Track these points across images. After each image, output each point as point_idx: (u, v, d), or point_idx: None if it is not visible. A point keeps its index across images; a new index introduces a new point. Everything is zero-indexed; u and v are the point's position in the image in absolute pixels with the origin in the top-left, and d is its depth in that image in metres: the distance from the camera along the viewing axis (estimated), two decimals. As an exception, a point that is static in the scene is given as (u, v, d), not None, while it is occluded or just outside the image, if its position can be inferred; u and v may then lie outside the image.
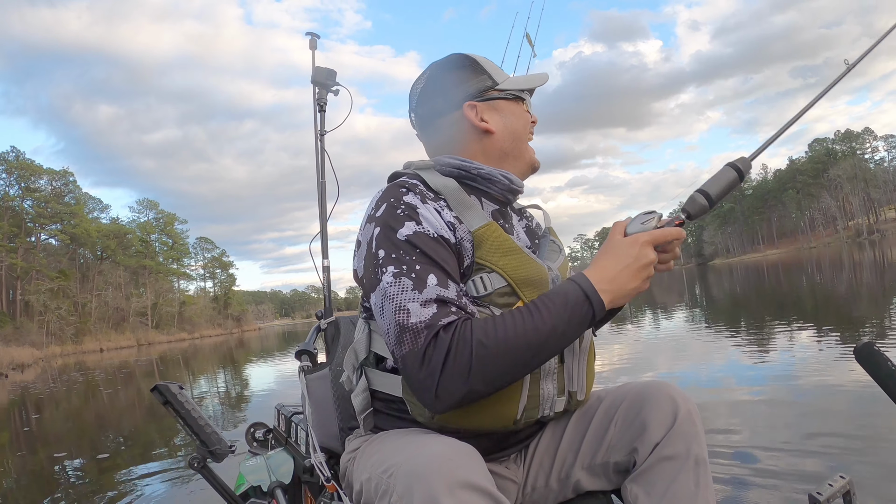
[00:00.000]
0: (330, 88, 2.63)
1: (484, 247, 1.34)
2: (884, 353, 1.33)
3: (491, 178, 1.49)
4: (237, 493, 1.88)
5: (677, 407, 1.37)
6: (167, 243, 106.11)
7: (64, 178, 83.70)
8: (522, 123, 1.56)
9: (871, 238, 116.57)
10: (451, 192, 1.42)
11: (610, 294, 1.26)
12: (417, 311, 1.21)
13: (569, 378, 1.44)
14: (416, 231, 1.30)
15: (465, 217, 1.38)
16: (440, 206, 1.37)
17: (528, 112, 1.58)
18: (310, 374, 1.88)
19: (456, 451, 1.11)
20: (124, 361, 33.63)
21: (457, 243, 1.34)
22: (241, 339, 56.25)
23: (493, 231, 1.37)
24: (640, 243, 1.29)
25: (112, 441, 7.77)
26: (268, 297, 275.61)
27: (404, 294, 1.23)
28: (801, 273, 30.32)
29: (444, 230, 1.32)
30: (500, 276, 1.32)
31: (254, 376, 15.57)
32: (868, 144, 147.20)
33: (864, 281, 18.68)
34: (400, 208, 1.33)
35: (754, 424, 4.50)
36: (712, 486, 1.34)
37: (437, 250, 1.29)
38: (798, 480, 3.31)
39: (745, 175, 1.35)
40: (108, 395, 14.69)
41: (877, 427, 4.01)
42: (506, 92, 1.54)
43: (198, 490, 4.67)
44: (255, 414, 8.17)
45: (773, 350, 7.69)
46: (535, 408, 1.37)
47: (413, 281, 1.24)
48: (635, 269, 1.28)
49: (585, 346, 1.48)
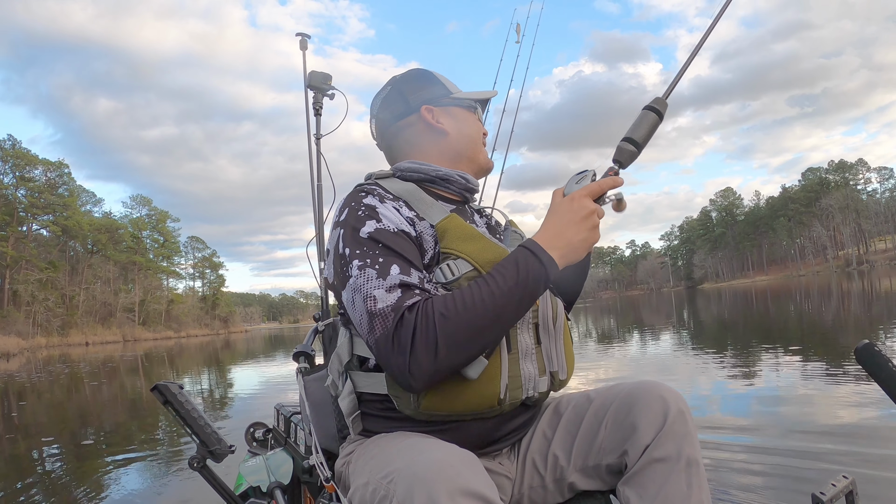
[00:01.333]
0: (325, 92, 2.63)
1: (448, 237, 1.43)
2: (884, 354, 1.34)
3: (448, 178, 1.62)
4: (236, 493, 1.88)
5: (668, 407, 1.38)
6: (158, 240, 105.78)
7: (59, 169, 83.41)
8: (476, 129, 1.71)
9: (860, 268, 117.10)
10: (410, 193, 1.53)
11: (558, 249, 1.33)
12: (383, 297, 1.28)
13: (548, 358, 1.50)
14: (378, 227, 1.39)
15: (425, 214, 1.48)
16: (399, 206, 1.47)
17: (479, 122, 1.75)
18: (308, 375, 1.89)
19: (457, 458, 1.13)
20: (109, 356, 33.45)
21: (417, 237, 1.43)
22: (227, 341, 55.92)
23: (454, 221, 1.47)
24: (577, 198, 1.37)
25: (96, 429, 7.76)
26: (256, 300, 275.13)
27: (370, 283, 1.31)
28: (788, 300, 30.38)
29: (404, 225, 1.42)
30: (465, 262, 1.39)
31: (238, 379, 15.47)
32: (861, 175, 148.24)
33: (851, 310, 18.75)
34: (361, 210, 1.43)
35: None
36: (707, 486, 1.34)
37: (398, 242, 1.37)
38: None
39: (663, 114, 1.41)
40: (92, 388, 14.62)
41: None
42: (460, 100, 1.69)
43: (176, 481, 4.81)
44: (237, 416, 8.16)
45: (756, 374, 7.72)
46: (518, 388, 1.41)
47: (377, 271, 1.32)
48: (577, 221, 1.35)
49: (560, 327, 1.54)
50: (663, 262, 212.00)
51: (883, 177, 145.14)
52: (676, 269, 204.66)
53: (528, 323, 1.46)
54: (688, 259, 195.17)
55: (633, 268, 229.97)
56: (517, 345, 1.42)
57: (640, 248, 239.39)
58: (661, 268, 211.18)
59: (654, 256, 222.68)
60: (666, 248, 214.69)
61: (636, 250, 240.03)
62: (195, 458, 1.82)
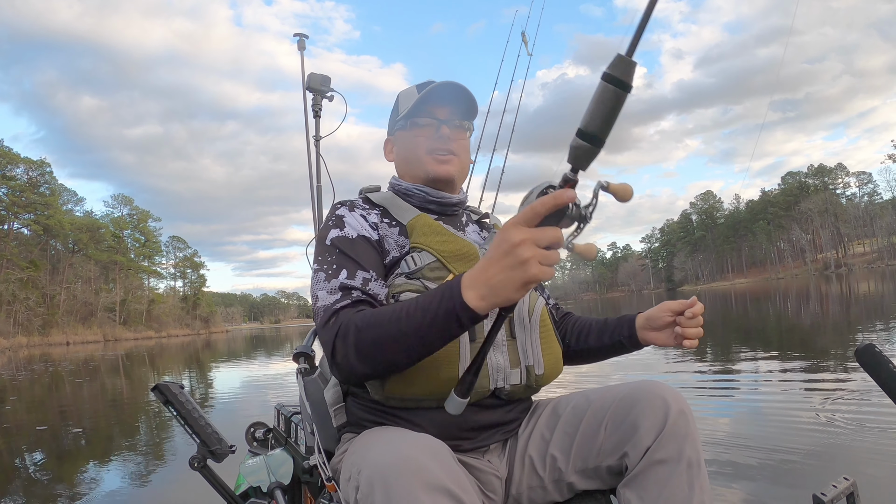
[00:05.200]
0: (325, 94, 2.64)
1: (415, 232, 1.57)
2: (885, 355, 1.35)
3: (408, 192, 1.72)
4: (237, 493, 1.89)
5: (668, 408, 1.36)
6: (140, 240, 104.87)
7: (40, 168, 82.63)
8: (411, 147, 1.72)
9: (838, 272, 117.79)
10: (388, 200, 1.69)
11: (476, 290, 1.10)
12: (324, 297, 1.43)
13: (523, 352, 1.51)
14: (339, 235, 1.54)
15: (400, 216, 1.64)
16: (368, 213, 1.63)
17: (418, 136, 1.71)
18: (307, 375, 1.90)
19: (422, 451, 1.14)
20: (90, 355, 33.19)
21: (380, 239, 1.57)
22: (208, 341, 55.57)
23: (422, 219, 1.62)
24: (506, 227, 1.06)
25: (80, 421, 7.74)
26: (237, 300, 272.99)
27: (318, 285, 1.47)
28: (766, 302, 30.55)
29: (365, 230, 1.57)
30: (429, 253, 1.52)
31: (219, 379, 15.40)
32: (840, 180, 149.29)
33: (829, 312, 18.89)
34: (331, 220, 1.60)
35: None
36: (708, 488, 1.33)
37: (353, 248, 1.51)
38: None
39: (628, 82, 0.92)
40: (74, 385, 14.52)
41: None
42: (401, 124, 1.74)
43: (157, 482, 4.94)
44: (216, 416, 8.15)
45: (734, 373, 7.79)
46: (485, 377, 1.43)
47: (326, 274, 1.47)
48: (499, 257, 1.06)
49: (536, 320, 1.55)
50: (644, 264, 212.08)
51: (862, 181, 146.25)
52: (657, 272, 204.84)
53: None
54: (668, 261, 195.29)
55: (614, 270, 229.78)
56: (483, 334, 1.42)
57: (621, 251, 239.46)
58: (641, 270, 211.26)
59: (634, 259, 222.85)
60: (647, 250, 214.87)
61: (617, 252, 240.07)
62: (196, 458, 1.84)
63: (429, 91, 1.67)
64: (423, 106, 1.68)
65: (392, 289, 1.48)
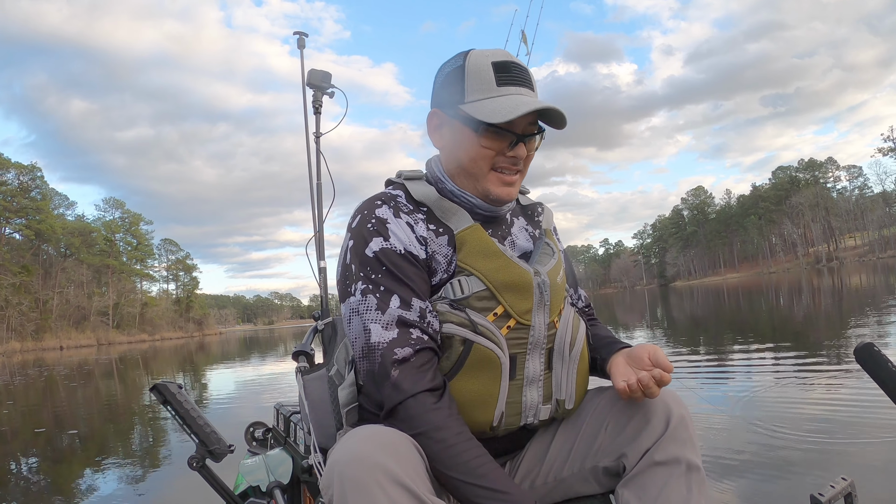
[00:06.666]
0: (325, 91, 2.59)
1: (465, 249, 1.38)
2: (883, 354, 1.35)
3: (454, 195, 1.47)
4: (236, 492, 1.89)
5: (670, 412, 1.36)
6: (132, 243, 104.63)
7: (31, 172, 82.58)
8: (471, 153, 1.42)
9: (829, 265, 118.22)
10: (433, 201, 1.45)
11: None
12: (378, 332, 1.32)
13: (557, 386, 1.45)
14: (384, 247, 1.35)
15: (450, 221, 1.42)
16: (415, 220, 1.41)
17: (486, 147, 1.40)
18: (307, 374, 1.86)
19: (380, 446, 1.13)
20: (84, 360, 33.06)
21: (427, 258, 1.38)
22: (202, 343, 55.47)
23: (475, 233, 1.40)
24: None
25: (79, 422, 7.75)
26: (231, 302, 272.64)
27: (369, 314, 1.33)
28: (759, 296, 30.62)
29: (413, 246, 1.37)
30: (478, 280, 1.35)
31: (214, 381, 15.37)
32: (831, 174, 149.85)
33: (821, 305, 18.95)
34: (371, 222, 1.39)
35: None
36: (707, 491, 1.33)
37: (402, 268, 1.34)
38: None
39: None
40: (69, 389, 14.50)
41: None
42: (464, 117, 1.40)
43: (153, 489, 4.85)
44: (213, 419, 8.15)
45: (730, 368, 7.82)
46: (517, 415, 1.39)
47: (377, 300, 1.33)
48: None
49: (576, 354, 1.46)
50: (636, 260, 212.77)
51: (852, 175, 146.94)
52: (650, 267, 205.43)
53: (540, 348, 1.41)
54: (661, 257, 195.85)
55: (606, 266, 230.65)
56: (523, 371, 1.39)
57: (613, 247, 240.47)
58: (634, 266, 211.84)
59: (627, 255, 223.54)
60: (639, 246, 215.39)
61: (609, 249, 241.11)
62: (194, 458, 1.83)
63: (516, 99, 1.37)
64: (480, 118, 1.37)
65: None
